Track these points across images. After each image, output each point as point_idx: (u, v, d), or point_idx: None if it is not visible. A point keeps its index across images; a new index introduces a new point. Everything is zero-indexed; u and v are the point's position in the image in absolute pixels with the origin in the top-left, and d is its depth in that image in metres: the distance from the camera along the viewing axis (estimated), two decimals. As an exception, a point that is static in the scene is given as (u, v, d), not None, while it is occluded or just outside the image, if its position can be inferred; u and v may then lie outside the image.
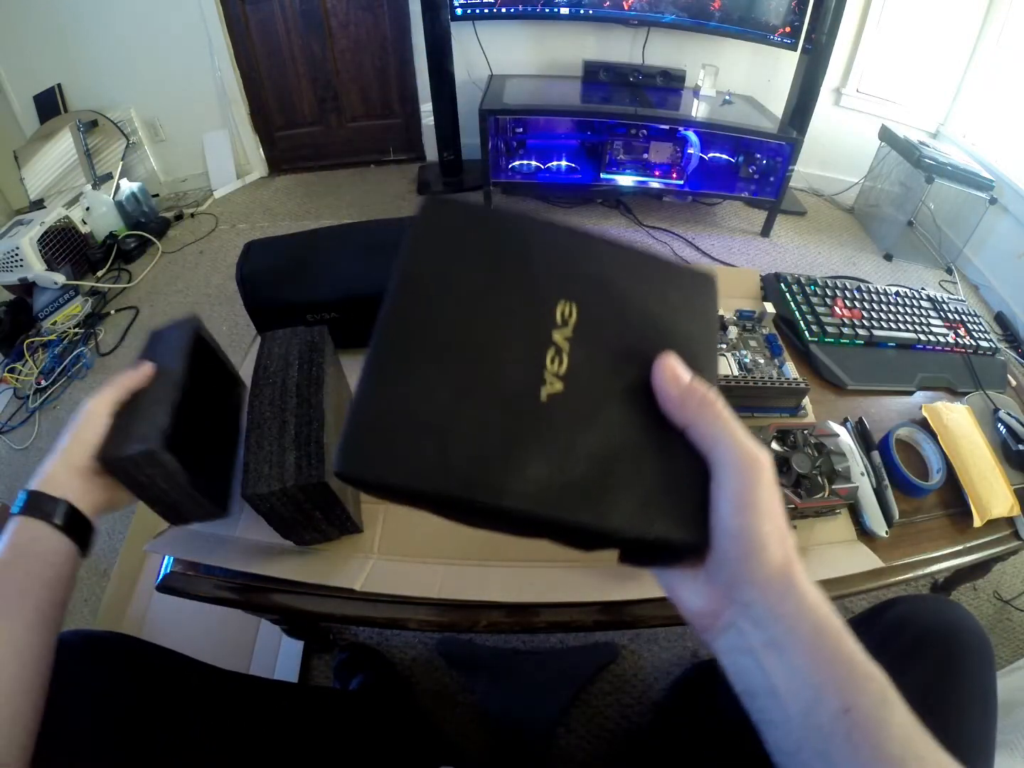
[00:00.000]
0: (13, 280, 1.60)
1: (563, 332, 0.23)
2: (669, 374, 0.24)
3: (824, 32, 1.73)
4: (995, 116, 1.84)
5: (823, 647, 0.23)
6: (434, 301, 0.23)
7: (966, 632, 0.43)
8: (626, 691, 0.88)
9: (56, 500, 0.41)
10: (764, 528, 0.23)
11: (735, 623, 0.24)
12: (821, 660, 0.22)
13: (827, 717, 0.22)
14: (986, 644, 0.43)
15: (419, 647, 0.92)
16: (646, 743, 0.76)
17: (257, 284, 0.64)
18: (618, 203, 2.05)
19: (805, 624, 0.23)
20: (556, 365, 0.23)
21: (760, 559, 0.23)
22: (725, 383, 0.59)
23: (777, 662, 0.23)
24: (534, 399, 0.22)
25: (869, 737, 0.21)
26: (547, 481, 0.21)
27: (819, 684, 0.22)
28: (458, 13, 1.78)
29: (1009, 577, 1.07)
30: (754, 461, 0.23)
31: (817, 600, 0.23)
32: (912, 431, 0.64)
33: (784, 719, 0.23)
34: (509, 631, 0.73)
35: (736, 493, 0.23)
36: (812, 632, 0.23)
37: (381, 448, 0.20)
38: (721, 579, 0.24)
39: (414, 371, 0.22)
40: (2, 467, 1.26)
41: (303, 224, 2.02)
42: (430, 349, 0.22)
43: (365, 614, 0.50)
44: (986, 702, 0.40)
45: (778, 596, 0.23)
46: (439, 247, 0.24)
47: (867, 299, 0.79)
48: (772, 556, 0.23)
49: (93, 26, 1.85)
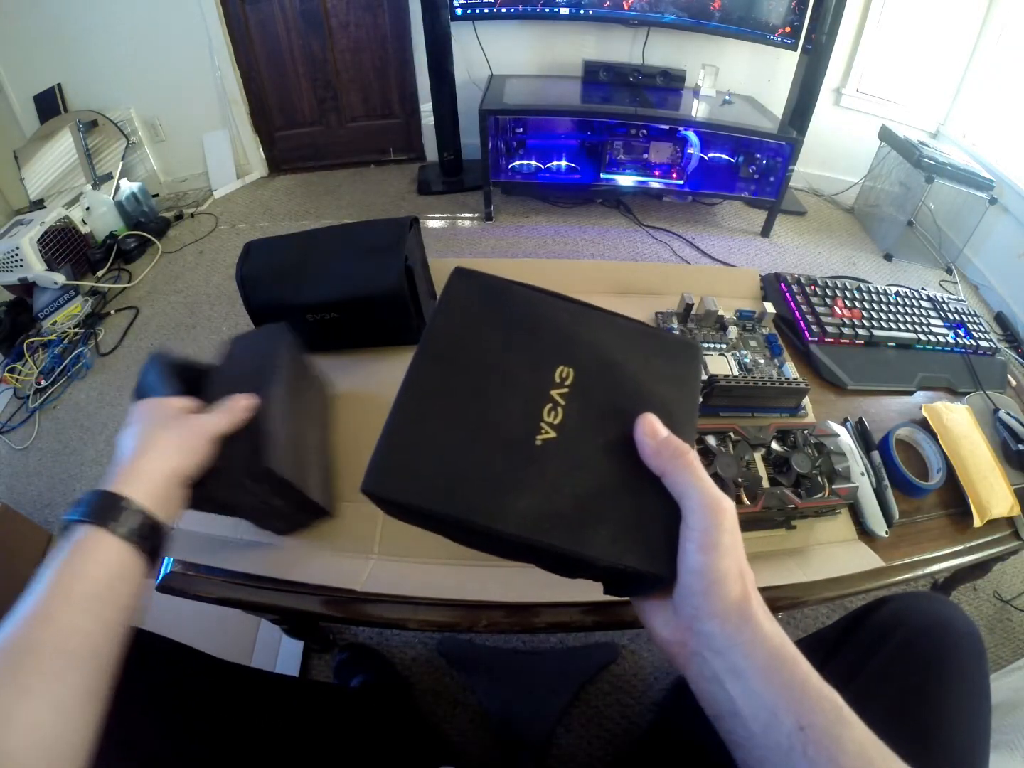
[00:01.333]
0: (13, 280, 1.60)
1: (560, 390, 0.28)
2: (648, 429, 0.28)
3: (824, 32, 1.73)
4: (995, 116, 1.85)
5: (778, 672, 0.25)
6: (455, 359, 0.28)
7: (957, 631, 0.43)
8: (626, 691, 0.88)
9: (137, 508, 0.34)
10: (723, 565, 0.26)
11: (699, 652, 0.26)
12: (777, 684, 0.25)
13: (785, 735, 0.24)
14: (978, 642, 0.43)
15: (419, 647, 0.92)
16: (646, 743, 0.76)
17: (257, 284, 0.64)
18: (618, 203, 2.05)
19: (760, 652, 0.25)
20: (552, 417, 0.27)
21: (719, 593, 0.26)
22: (725, 383, 0.59)
23: (738, 687, 0.25)
24: (531, 444, 0.27)
25: (825, 752, 0.23)
26: (535, 511, 0.26)
27: (775, 705, 0.24)
28: (458, 13, 1.78)
29: (1009, 577, 1.07)
30: (718, 507, 0.26)
31: (772, 630, 0.26)
32: (912, 431, 0.64)
33: (747, 737, 0.25)
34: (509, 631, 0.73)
35: (701, 534, 0.26)
36: (767, 659, 0.25)
37: (400, 475, 0.25)
38: (686, 611, 0.27)
39: (433, 416, 0.27)
40: (2, 467, 1.26)
41: (303, 224, 2.02)
42: (448, 399, 0.27)
43: (365, 614, 0.50)
44: (978, 701, 0.40)
45: (735, 627, 0.26)
46: (463, 313, 0.29)
47: (867, 299, 0.79)
48: (730, 591, 0.26)
49: (93, 26, 1.85)
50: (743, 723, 0.25)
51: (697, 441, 0.54)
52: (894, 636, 0.43)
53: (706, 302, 0.73)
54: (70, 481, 1.22)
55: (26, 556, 1.06)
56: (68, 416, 1.36)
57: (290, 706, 0.55)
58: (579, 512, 0.26)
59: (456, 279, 0.31)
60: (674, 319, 0.74)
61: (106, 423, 1.33)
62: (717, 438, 0.54)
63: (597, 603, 0.49)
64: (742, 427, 0.55)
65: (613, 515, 0.27)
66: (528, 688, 0.87)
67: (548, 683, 0.87)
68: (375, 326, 0.66)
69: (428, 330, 0.29)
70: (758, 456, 0.54)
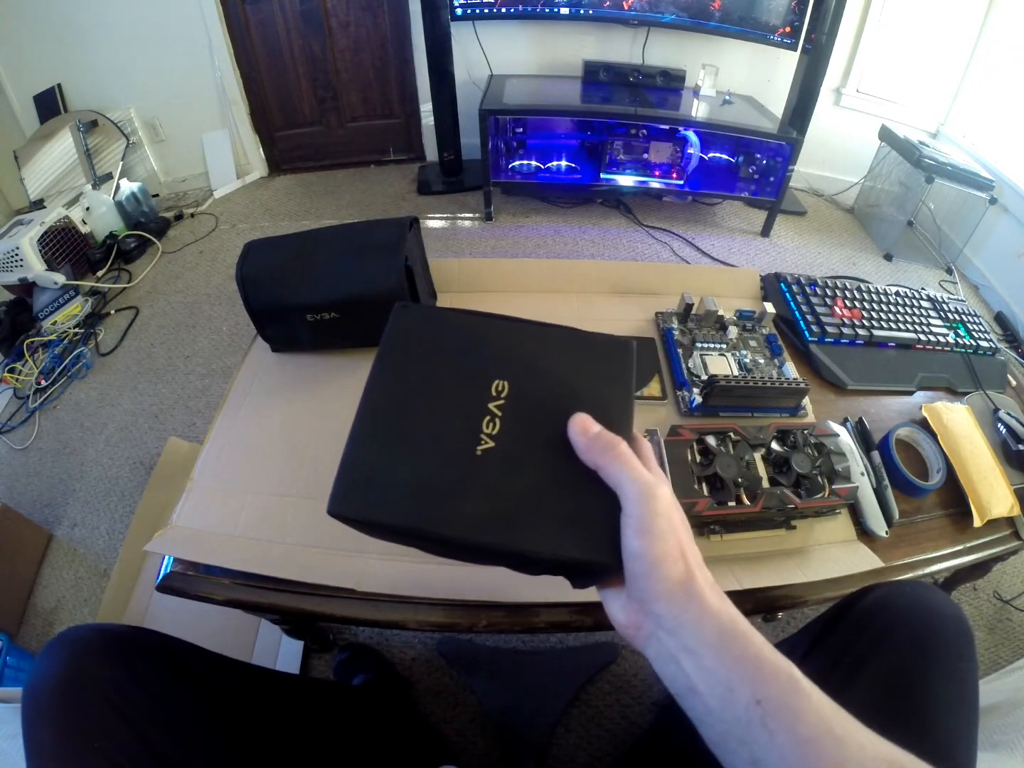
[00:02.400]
0: (13, 280, 1.60)
1: (497, 403, 0.30)
2: (579, 427, 0.29)
3: (824, 32, 1.73)
4: (995, 116, 1.85)
5: (729, 647, 0.26)
6: (401, 386, 0.31)
7: (941, 615, 0.43)
8: (626, 691, 0.88)
9: None
10: (659, 548, 0.27)
11: (654, 633, 0.28)
12: (729, 660, 0.26)
13: (742, 708, 0.25)
14: (964, 628, 0.42)
15: (419, 647, 0.92)
16: (646, 743, 0.76)
17: (257, 284, 0.64)
18: (618, 203, 2.05)
19: (709, 629, 0.26)
20: (490, 428, 0.30)
21: (660, 575, 0.27)
22: (725, 383, 0.59)
23: (692, 664, 0.26)
24: (471, 454, 0.29)
25: (783, 723, 0.24)
26: (479, 514, 0.28)
27: (729, 680, 0.25)
28: (458, 13, 1.78)
29: (1009, 577, 1.07)
30: (650, 494, 0.27)
31: (719, 607, 0.27)
32: (912, 431, 0.64)
33: (707, 713, 0.26)
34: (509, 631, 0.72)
35: (636, 520, 0.27)
36: (717, 635, 0.26)
37: (358, 495, 0.28)
38: (636, 595, 0.28)
39: (384, 439, 0.30)
40: (2, 467, 1.26)
41: (303, 224, 2.02)
42: (396, 423, 0.30)
43: (365, 614, 0.50)
44: (963, 687, 0.40)
45: (681, 606, 0.27)
46: (405, 344, 0.33)
47: (867, 299, 0.79)
48: (670, 571, 0.27)
49: (93, 26, 1.85)
50: (702, 699, 0.26)
51: (697, 441, 0.54)
52: (878, 622, 0.43)
53: (706, 302, 0.73)
54: (70, 481, 1.22)
55: (26, 556, 1.06)
56: (68, 416, 1.36)
57: (292, 703, 0.55)
58: (520, 511, 0.28)
59: (398, 313, 0.34)
60: (674, 319, 0.74)
61: (106, 423, 1.33)
62: (717, 438, 0.54)
63: (597, 603, 0.49)
64: (742, 427, 0.55)
65: (553, 511, 0.28)
66: (528, 688, 0.87)
67: (548, 683, 0.87)
68: (375, 326, 0.65)
69: (375, 362, 0.32)
70: (758, 456, 0.54)
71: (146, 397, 1.39)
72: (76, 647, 0.41)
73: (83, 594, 1.03)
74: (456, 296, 0.78)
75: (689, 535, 0.29)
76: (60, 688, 0.38)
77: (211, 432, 0.62)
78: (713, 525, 0.53)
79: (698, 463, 0.53)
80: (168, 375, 1.45)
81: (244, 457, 0.60)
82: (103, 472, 1.23)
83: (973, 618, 1.01)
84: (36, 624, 0.99)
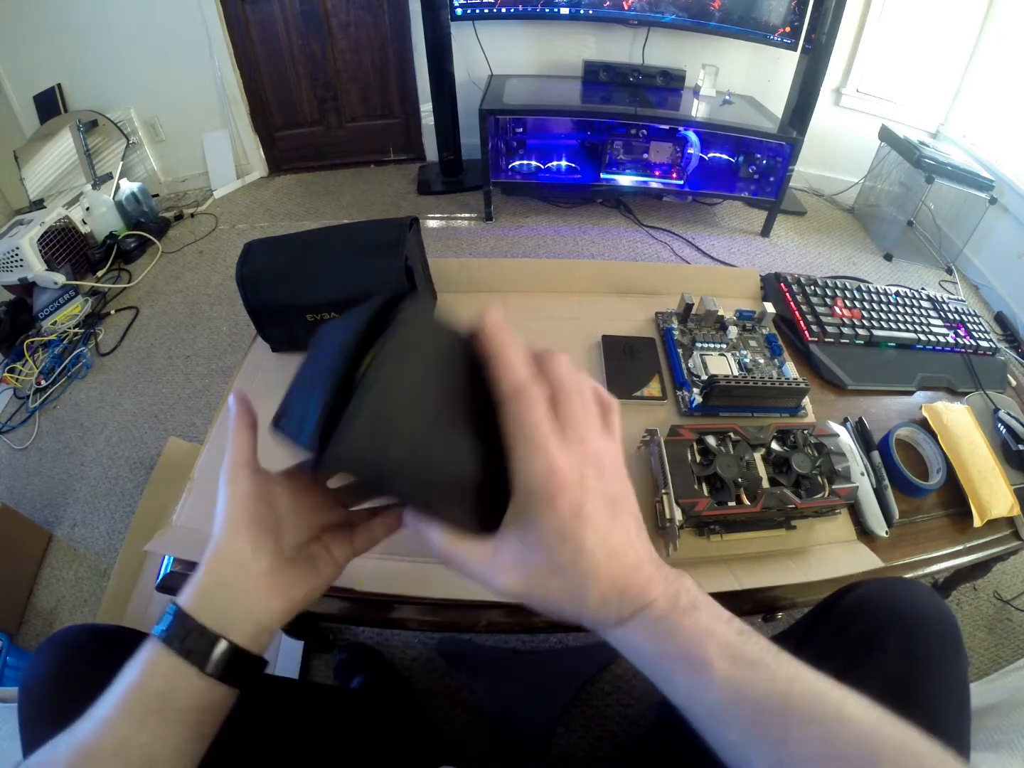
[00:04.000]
0: (13, 280, 1.60)
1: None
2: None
3: (824, 32, 1.73)
4: (995, 116, 1.84)
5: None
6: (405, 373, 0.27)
7: (925, 612, 0.41)
8: (626, 691, 0.88)
9: (215, 637, 0.29)
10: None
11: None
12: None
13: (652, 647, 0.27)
14: (950, 624, 0.41)
15: (419, 647, 0.92)
16: (646, 743, 0.76)
17: (257, 284, 0.64)
18: (618, 203, 2.05)
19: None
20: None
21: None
22: (725, 383, 0.59)
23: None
24: (452, 422, 0.27)
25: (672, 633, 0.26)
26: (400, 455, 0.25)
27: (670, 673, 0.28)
28: (458, 13, 1.78)
29: (1009, 577, 1.07)
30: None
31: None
32: (912, 431, 0.64)
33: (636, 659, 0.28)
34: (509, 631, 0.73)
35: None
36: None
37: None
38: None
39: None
40: (2, 467, 1.26)
41: (303, 224, 2.02)
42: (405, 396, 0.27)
43: (365, 614, 0.50)
44: (959, 690, 0.39)
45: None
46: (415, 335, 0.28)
47: (867, 299, 0.79)
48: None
49: (93, 26, 1.85)
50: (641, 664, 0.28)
51: (697, 441, 0.54)
52: (861, 620, 0.42)
53: (706, 302, 0.73)
54: (70, 481, 1.22)
55: (26, 556, 1.06)
56: (68, 416, 1.36)
57: (290, 708, 0.55)
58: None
59: (411, 309, 0.30)
60: (674, 319, 0.74)
61: (106, 423, 1.33)
62: (717, 438, 0.54)
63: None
64: (742, 427, 0.55)
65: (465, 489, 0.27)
66: (528, 688, 0.87)
67: (548, 683, 0.87)
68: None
69: (390, 335, 0.29)
70: (758, 456, 0.54)
71: (146, 397, 1.39)
72: (66, 646, 0.41)
73: (83, 594, 1.03)
74: (456, 296, 0.78)
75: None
76: (51, 686, 0.39)
77: (211, 432, 0.62)
78: (713, 525, 0.53)
79: (698, 463, 0.53)
80: (168, 375, 1.45)
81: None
82: (103, 472, 1.23)
83: (973, 618, 1.01)
84: (36, 624, 0.99)
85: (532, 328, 0.73)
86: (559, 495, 0.25)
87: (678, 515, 0.49)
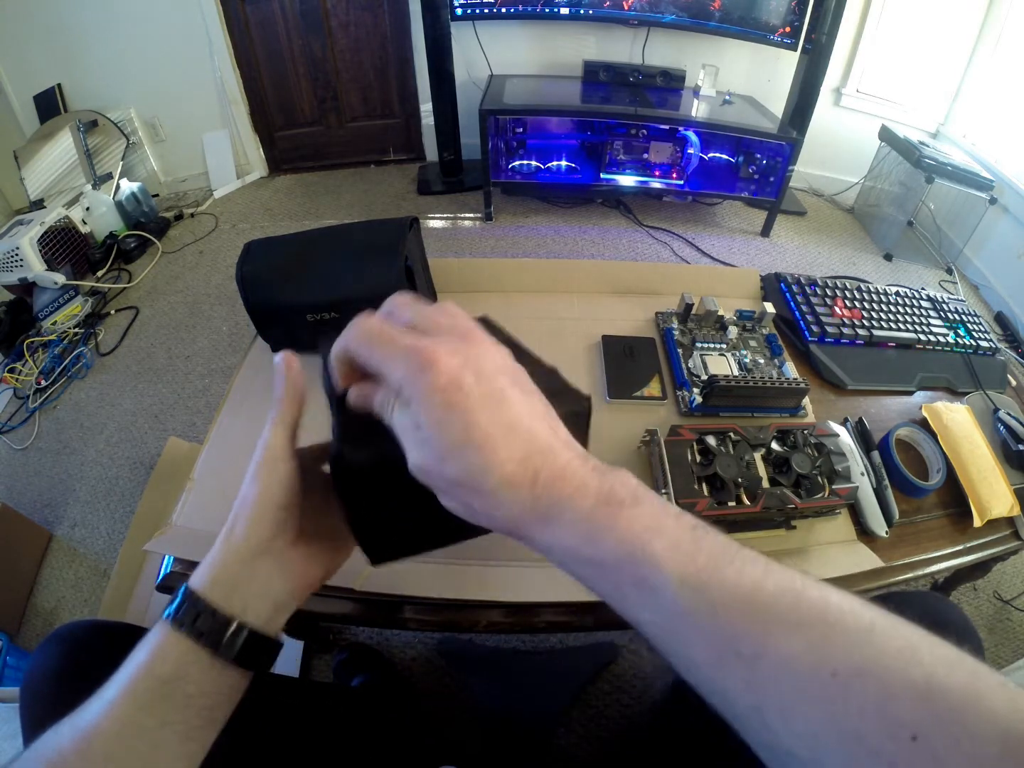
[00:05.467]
0: (13, 280, 1.60)
1: None
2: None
3: (824, 32, 1.73)
4: (995, 116, 1.85)
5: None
6: None
7: (947, 628, 0.42)
8: (626, 691, 0.88)
9: (227, 618, 0.28)
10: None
11: None
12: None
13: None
14: (972, 636, 0.42)
15: (419, 647, 0.92)
16: (646, 743, 0.76)
17: (257, 284, 0.64)
18: (618, 203, 2.05)
19: None
20: None
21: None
22: (725, 383, 0.59)
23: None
24: None
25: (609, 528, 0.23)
26: None
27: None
28: (458, 13, 1.78)
29: (1009, 577, 1.07)
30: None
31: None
32: (912, 431, 0.64)
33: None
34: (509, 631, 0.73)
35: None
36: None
37: None
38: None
39: None
40: (2, 467, 1.26)
41: (303, 224, 2.02)
42: None
43: (365, 614, 0.50)
44: None
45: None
46: None
47: (867, 299, 0.79)
48: None
49: (93, 26, 1.85)
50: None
51: (697, 441, 0.54)
52: None
53: (706, 302, 0.73)
54: (70, 481, 1.22)
55: (26, 556, 1.06)
56: (68, 416, 1.36)
57: (291, 706, 0.55)
58: None
59: None
60: (674, 319, 0.74)
61: (106, 423, 1.33)
62: (717, 438, 0.54)
63: (597, 603, 0.49)
64: (742, 427, 0.55)
65: None
66: (528, 688, 0.87)
67: (548, 683, 0.87)
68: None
69: None
70: (758, 456, 0.54)
71: (146, 397, 1.39)
72: (69, 641, 0.41)
73: (83, 594, 1.03)
74: (456, 296, 0.78)
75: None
76: (55, 680, 0.39)
77: (211, 432, 0.62)
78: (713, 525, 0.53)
79: (698, 463, 0.53)
80: (168, 375, 1.45)
81: (244, 457, 0.59)
82: (103, 472, 1.23)
83: (973, 618, 1.01)
84: (36, 624, 0.99)
85: (532, 328, 0.73)
86: (432, 367, 0.23)
87: (678, 515, 0.49)
